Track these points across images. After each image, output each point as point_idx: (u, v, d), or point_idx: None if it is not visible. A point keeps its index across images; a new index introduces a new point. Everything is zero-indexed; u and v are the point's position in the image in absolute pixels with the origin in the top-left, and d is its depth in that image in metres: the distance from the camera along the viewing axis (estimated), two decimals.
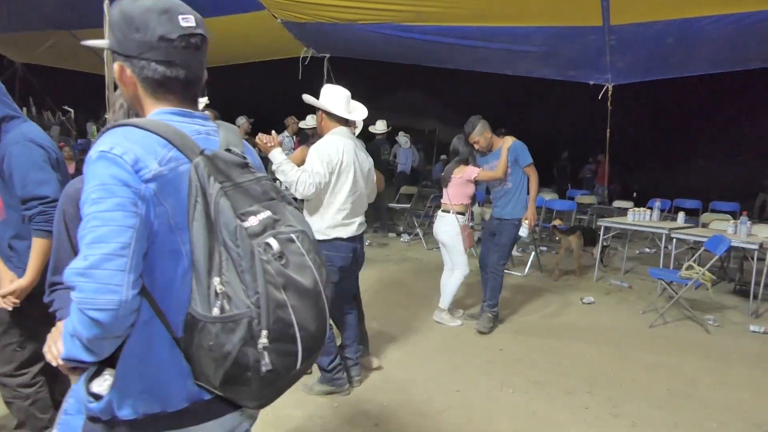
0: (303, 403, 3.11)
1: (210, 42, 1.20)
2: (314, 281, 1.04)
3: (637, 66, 7.10)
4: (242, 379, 1.00)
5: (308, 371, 3.43)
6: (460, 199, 4.50)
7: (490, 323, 4.50)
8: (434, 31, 6.50)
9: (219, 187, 1.00)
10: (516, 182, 4.47)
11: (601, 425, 3.03)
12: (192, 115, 1.15)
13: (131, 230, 0.96)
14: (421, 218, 8.37)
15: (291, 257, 1.01)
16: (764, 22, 5.23)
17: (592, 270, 6.54)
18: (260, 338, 0.96)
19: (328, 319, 1.09)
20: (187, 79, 1.12)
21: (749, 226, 5.37)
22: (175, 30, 1.07)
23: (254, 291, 0.96)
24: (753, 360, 4.10)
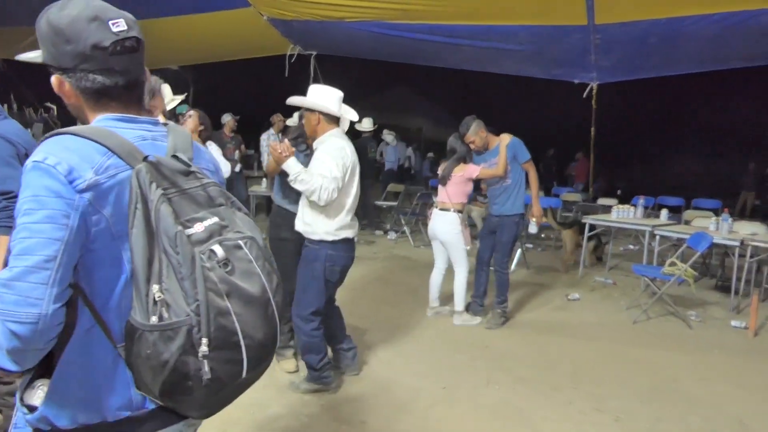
0: (289, 402, 3.10)
1: (195, 39, 1.20)
2: (262, 288, 1.03)
3: (621, 65, 7.17)
4: (183, 388, 0.98)
5: (293, 370, 3.45)
6: (460, 197, 4.52)
7: (501, 319, 4.58)
8: (421, 29, 6.50)
9: (161, 193, 0.99)
10: (515, 179, 4.53)
11: (585, 420, 3.06)
12: (137, 120, 1.13)
13: (59, 243, 0.94)
14: (407, 216, 8.38)
15: (237, 264, 1.01)
16: (745, 22, 5.31)
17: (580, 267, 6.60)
18: (200, 346, 0.95)
19: (278, 326, 1.08)
20: (128, 84, 1.10)
21: (730, 223, 5.45)
22: (108, 37, 1.04)
23: (194, 298, 0.95)
24: (734, 355, 4.17)
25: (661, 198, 9.04)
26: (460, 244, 4.51)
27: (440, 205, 4.59)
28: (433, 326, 4.51)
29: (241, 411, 2.96)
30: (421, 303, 5.09)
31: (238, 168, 8.21)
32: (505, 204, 4.56)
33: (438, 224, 4.58)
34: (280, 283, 1.10)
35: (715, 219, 5.70)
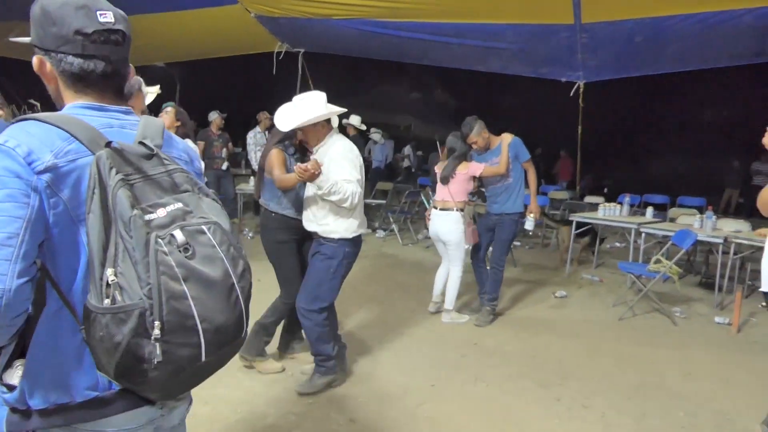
0: (277, 401, 3.10)
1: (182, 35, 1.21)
2: (224, 273, 1.05)
3: (607, 64, 7.23)
4: (137, 371, 1.00)
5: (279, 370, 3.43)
6: (462, 196, 4.54)
7: (490, 316, 4.63)
8: (409, 27, 6.51)
9: (119, 179, 1.00)
10: (516, 177, 4.57)
11: (572, 417, 3.09)
12: (107, 108, 1.16)
13: (20, 221, 0.97)
14: (396, 214, 8.38)
15: (199, 249, 1.02)
16: (728, 21, 5.37)
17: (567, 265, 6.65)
18: (153, 330, 0.96)
19: (244, 311, 1.10)
20: (105, 72, 1.13)
21: (714, 221, 5.52)
22: (92, 25, 1.09)
23: (146, 282, 0.96)
24: (718, 350, 4.23)
25: (647, 196, 9.13)
26: (462, 243, 4.55)
27: (441, 205, 4.58)
28: (422, 324, 4.52)
29: (228, 409, 2.96)
30: (409, 301, 5.10)
31: (225, 166, 8.17)
32: (506, 203, 4.59)
33: (440, 224, 4.57)
34: (248, 269, 1.12)
35: (700, 216, 5.78)
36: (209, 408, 2.94)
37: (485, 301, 4.69)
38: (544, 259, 7.31)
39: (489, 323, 4.58)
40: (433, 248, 7.40)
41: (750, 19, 5.31)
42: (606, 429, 2.97)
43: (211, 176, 8.07)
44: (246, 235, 7.53)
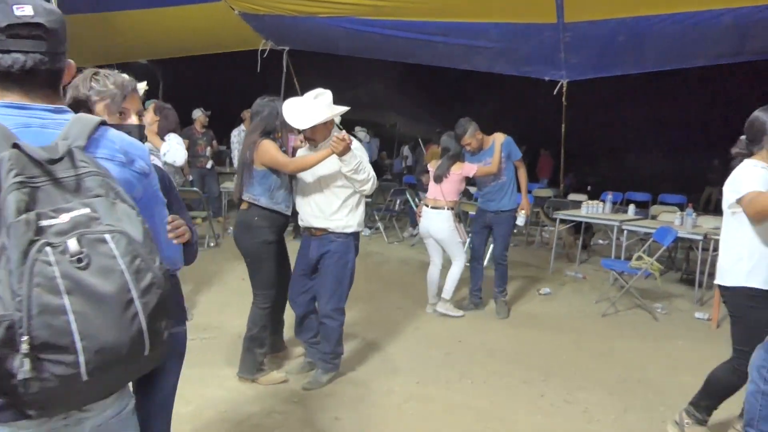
0: (262, 399, 3.08)
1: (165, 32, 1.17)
2: (120, 287, 0.97)
3: (590, 63, 7.28)
4: (8, 384, 0.93)
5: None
6: (454, 195, 4.64)
7: (506, 307, 4.85)
8: (393, 25, 6.50)
9: (14, 181, 0.95)
10: (509, 176, 4.73)
11: (555, 412, 3.12)
12: (29, 107, 1.11)
13: None
14: (381, 212, 8.38)
15: (96, 259, 0.96)
16: (707, 21, 5.44)
17: (558, 261, 6.71)
18: (21, 344, 0.90)
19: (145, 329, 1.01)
20: (26, 68, 1.08)
21: (695, 218, 5.61)
22: (6, 19, 1.05)
23: (17, 293, 0.90)
24: (698, 345, 4.30)
25: (629, 193, 9.25)
26: (455, 239, 4.65)
27: (432, 203, 4.65)
28: (408, 322, 4.53)
29: (212, 410, 2.94)
30: (395, 299, 5.12)
31: (210, 164, 8.11)
32: (502, 200, 4.73)
33: (431, 222, 4.65)
34: (158, 283, 1.03)
35: (680, 214, 5.87)
36: (192, 407, 2.93)
37: (498, 294, 4.87)
38: (528, 256, 7.36)
39: (508, 314, 4.79)
40: (419, 246, 7.44)
41: (729, 19, 5.39)
42: (588, 423, 3.01)
43: (195, 175, 8.00)
44: (231, 234, 7.47)
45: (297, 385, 3.27)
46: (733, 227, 2.62)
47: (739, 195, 2.48)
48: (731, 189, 2.57)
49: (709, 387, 2.80)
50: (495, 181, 4.70)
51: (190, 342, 3.79)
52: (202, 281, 5.27)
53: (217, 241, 6.93)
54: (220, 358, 3.59)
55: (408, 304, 4.96)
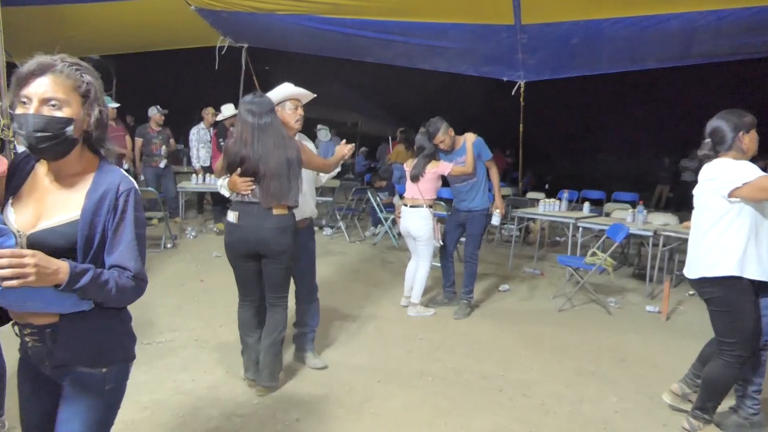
0: (221, 403, 3.04)
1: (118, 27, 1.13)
2: None
3: (546, 64, 7.45)
4: None
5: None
6: (431, 193, 4.70)
7: (467, 309, 4.82)
8: (353, 24, 6.49)
9: None
10: (480, 175, 4.79)
11: (513, 406, 3.19)
12: None
13: None
14: (343, 211, 8.36)
15: None
16: (655, 26, 5.65)
17: (518, 259, 6.83)
18: None
19: None
20: None
21: (645, 215, 5.81)
22: None
23: None
24: (649, 337, 4.46)
25: (584, 192, 9.50)
26: (431, 239, 4.69)
27: (411, 202, 4.71)
28: (369, 320, 4.54)
29: (168, 415, 2.88)
30: (356, 298, 5.11)
31: (164, 164, 7.92)
32: (474, 199, 4.79)
33: (411, 220, 4.71)
34: None
35: (632, 211, 6.07)
36: (148, 413, 2.86)
37: (462, 295, 4.88)
38: (488, 254, 7.47)
39: (466, 316, 4.76)
40: (381, 245, 7.47)
41: (675, 24, 5.60)
42: (545, 416, 3.08)
43: (150, 174, 7.80)
44: (189, 235, 7.32)
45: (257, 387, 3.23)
46: (721, 220, 2.74)
47: (742, 182, 2.62)
48: (727, 181, 2.69)
49: (710, 388, 2.88)
50: (467, 180, 4.75)
51: (146, 346, 3.73)
52: (158, 284, 5.15)
53: (174, 243, 6.77)
54: (176, 362, 3.51)
55: (369, 303, 4.97)
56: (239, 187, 2.99)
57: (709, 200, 2.81)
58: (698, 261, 2.85)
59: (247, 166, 2.96)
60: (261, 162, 2.93)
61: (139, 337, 3.33)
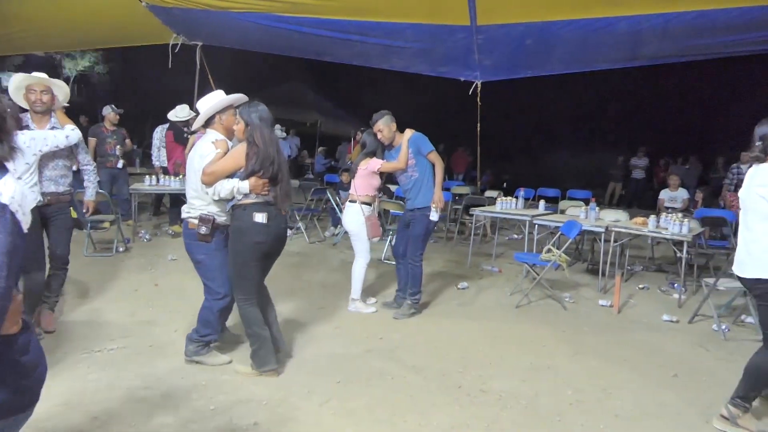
0: (176, 409, 2.96)
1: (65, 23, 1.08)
2: None
3: (502, 64, 7.58)
4: None
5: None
6: (366, 190, 4.68)
7: (411, 310, 4.73)
8: (310, 23, 6.44)
9: None
10: (422, 171, 4.67)
11: (471, 402, 3.23)
12: None
13: None
14: (302, 212, 8.29)
15: None
16: (605, 28, 5.83)
17: (476, 256, 6.92)
18: None
19: None
20: None
21: (597, 212, 5.99)
22: None
23: None
24: (602, 331, 4.60)
25: (541, 189, 9.71)
26: (362, 234, 4.67)
27: (350, 197, 4.76)
28: (328, 321, 4.51)
29: (121, 424, 2.79)
30: (315, 299, 5.08)
31: (121, 164, 7.68)
32: (417, 198, 4.69)
33: (345, 215, 4.80)
34: None
35: (584, 208, 6.24)
36: (98, 423, 2.76)
37: (407, 296, 4.81)
38: (447, 252, 7.56)
39: (407, 316, 4.69)
40: (341, 246, 7.44)
41: (624, 27, 5.80)
42: (502, 411, 3.14)
43: (105, 175, 7.55)
44: (142, 237, 7.11)
45: (213, 392, 3.17)
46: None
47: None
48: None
49: (753, 378, 2.97)
50: (409, 178, 4.70)
51: (96, 354, 3.60)
52: (110, 289, 4.99)
53: (126, 246, 6.56)
54: (129, 370, 3.41)
55: (329, 303, 4.94)
56: (261, 188, 3.22)
57: (759, 205, 2.90)
58: (754, 262, 2.93)
59: (274, 170, 3.22)
60: (279, 166, 3.25)
61: (89, 345, 3.23)
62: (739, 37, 5.78)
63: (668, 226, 5.47)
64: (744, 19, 5.29)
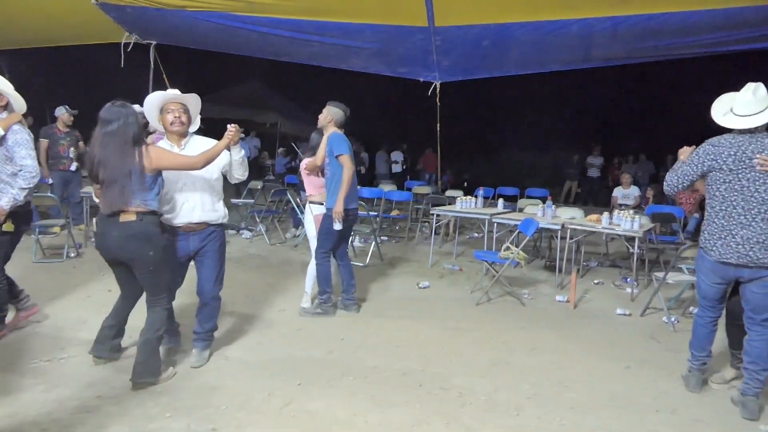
0: (130, 418, 2.88)
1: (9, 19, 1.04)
2: None
3: (459, 65, 7.68)
4: None
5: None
6: (311, 189, 4.74)
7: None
8: (267, 22, 6.38)
9: None
10: (333, 172, 4.49)
11: (432, 400, 3.25)
12: None
13: None
14: (263, 213, 8.20)
15: None
16: (559, 30, 5.98)
17: (437, 255, 6.98)
18: None
19: None
20: None
21: (554, 210, 6.14)
22: None
23: None
24: (558, 326, 4.71)
25: (500, 188, 9.90)
26: (313, 233, 4.73)
27: None
28: (289, 323, 4.47)
29: None
30: (276, 301, 5.03)
31: (74, 167, 7.43)
32: (329, 198, 4.55)
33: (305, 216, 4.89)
34: None
35: (542, 206, 6.38)
36: None
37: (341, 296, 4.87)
38: (409, 252, 7.61)
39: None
40: (302, 247, 7.38)
41: (576, 29, 5.96)
42: (461, 407, 3.17)
43: (57, 178, 7.30)
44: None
45: (169, 399, 3.09)
46: None
47: None
48: None
49: None
50: (326, 176, 4.59)
51: (45, 364, 3.47)
52: (60, 296, 4.82)
53: (78, 251, 6.35)
54: (80, 379, 3.29)
55: (290, 305, 4.90)
56: (95, 193, 3.19)
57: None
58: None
59: (94, 172, 3.06)
60: (101, 167, 3.02)
61: (38, 355, 3.13)
62: (684, 39, 6.03)
63: (621, 223, 5.65)
64: (688, 23, 5.52)
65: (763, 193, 3.05)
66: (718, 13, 5.22)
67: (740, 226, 3.10)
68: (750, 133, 3.11)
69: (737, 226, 3.11)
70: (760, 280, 3.11)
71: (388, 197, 8.57)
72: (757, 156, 3.02)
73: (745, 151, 3.06)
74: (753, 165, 3.04)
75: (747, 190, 3.08)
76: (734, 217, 3.12)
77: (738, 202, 3.11)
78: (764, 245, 3.05)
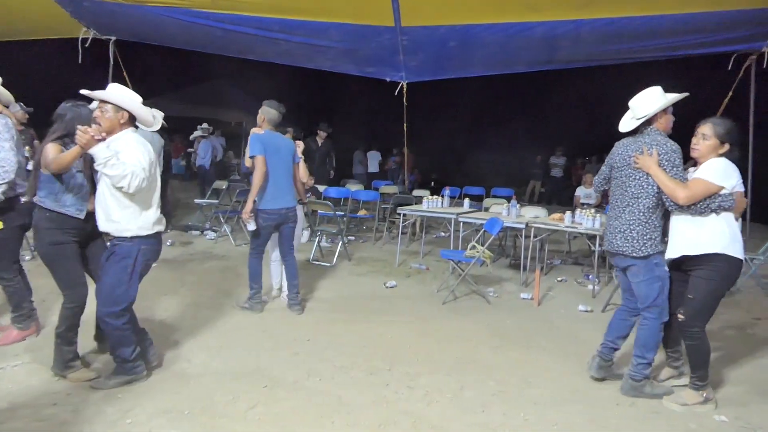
0: (90, 424, 2.79)
1: None
2: None
3: (426, 66, 7.73)
4: None
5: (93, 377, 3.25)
6: None
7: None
8: (232, 20, 6.28)
9: None
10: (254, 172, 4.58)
11: (399, 399, 3.26)
12: None
13: None
14: (227, 214, 8.07)
15: None
16: (523, 32, 6.09)
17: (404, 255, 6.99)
18: None
19: None
20: None
21: (518, 209, 6.23)
22: None
23: None
24: (523, 323, 4.78)
25: (466, 188, 9.99)
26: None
27: None
28: (255, 324, 4.42)
29: None
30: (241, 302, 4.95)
31: (30, 166, 7.14)
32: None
33: None
34: None
35: (506, 205, 6.47)
36: None
37: None
38: (376, 252, 7.61)
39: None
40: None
41: (540, 32, 6.08)
42: (429, 405, 3.19)
43: None
44: None
45: (130, 404, 3.01)
46: None
47: None
48: None
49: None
50: None
51: None
52: None
53: (33, 254, 6.12)
54: (35, 386, 3.17)
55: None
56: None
57: None
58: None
59: None
60: None
61: None
62: (643, 44, 6.22)
63: (583, 222, 5.77)
64: (647, 28, 5.69)
65: (633, 188, 3.31)
66: (677, 18, 5.40)
67: (614, 218, 3.42)
68: (633, 135, 3.42)
69: (612, 218, 3.45)
70: (629, 270, 3.38)
71: (355, 197, 8.55)
72: (634, 154, 3.30)
73: (627, 151, 3.37)
74: (630, 163, 3.33)
75: (624, 185, 3.36)
76: (614, 209, 3.45)
77: (617, 197, 3.43)
78: (625, 235, 3.31)
